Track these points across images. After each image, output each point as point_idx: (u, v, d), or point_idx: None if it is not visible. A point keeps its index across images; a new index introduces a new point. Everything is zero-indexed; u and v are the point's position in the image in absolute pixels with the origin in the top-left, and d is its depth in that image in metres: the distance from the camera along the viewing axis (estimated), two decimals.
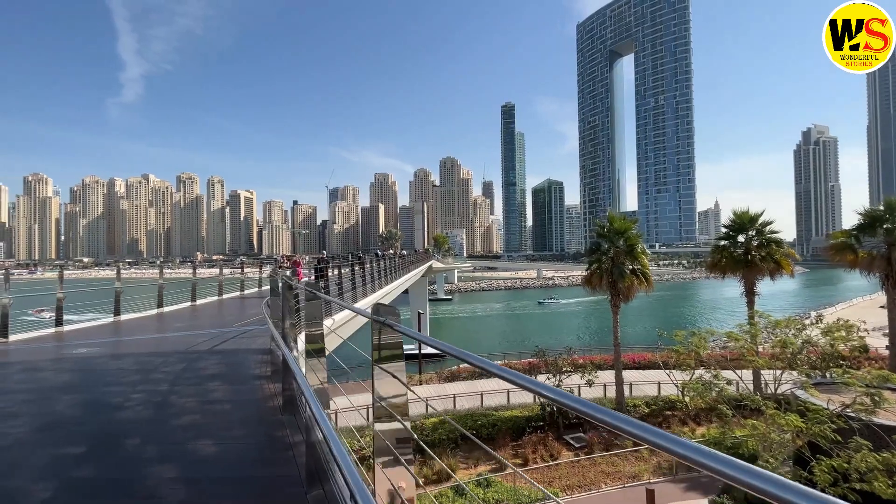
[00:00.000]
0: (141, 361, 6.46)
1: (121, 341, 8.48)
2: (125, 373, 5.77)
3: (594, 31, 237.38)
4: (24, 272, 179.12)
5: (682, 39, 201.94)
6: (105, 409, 4.20)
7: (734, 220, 20.13)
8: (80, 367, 6.28)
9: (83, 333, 9.15)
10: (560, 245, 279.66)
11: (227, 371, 5.71)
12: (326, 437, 1.80)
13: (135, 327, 9.95)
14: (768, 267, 18.84)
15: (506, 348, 38.63)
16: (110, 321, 10.82)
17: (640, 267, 18.38)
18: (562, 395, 1.15)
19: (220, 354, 6.72)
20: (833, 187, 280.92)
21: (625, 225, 18.72)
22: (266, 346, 6.99)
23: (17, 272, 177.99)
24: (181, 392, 4.70)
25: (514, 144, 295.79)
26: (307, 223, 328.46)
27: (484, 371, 1.53)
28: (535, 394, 1.32)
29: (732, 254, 19.54)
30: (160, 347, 7.69)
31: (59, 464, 3.05)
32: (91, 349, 7.41)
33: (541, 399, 18.51)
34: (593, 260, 19.34)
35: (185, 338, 8.30)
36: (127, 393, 4.71)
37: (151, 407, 4.21)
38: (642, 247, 19.03)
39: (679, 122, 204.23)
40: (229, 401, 4.41)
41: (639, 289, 18.44)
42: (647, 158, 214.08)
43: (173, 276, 19.35)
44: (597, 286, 19.09)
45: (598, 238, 19.92)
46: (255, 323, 9.67)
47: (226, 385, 5.00)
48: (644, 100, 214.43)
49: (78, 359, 6.77)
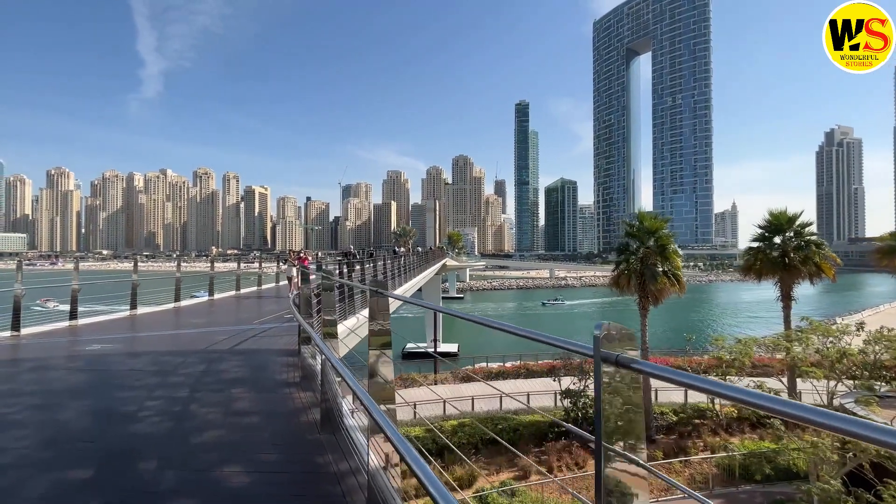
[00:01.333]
0: (158, 361, 5.99)
1: (136, 337, 8.07)
2: (140, 375, 5.28)
3: (611, 29, 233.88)
4: (46, 263, 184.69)
5: (701, 37, 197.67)
6: (117, 421, 3.70)
7: (770, 221, 19.10)
8: (92, 366, 5.83)
9: (98, 328, 8.78)
10: (572, 245, 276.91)
11: (252, 375, 5.20)
12: (416, 470, 1.24)
13: (151, 322, 9.56)
14: (808, 271, 17.82)
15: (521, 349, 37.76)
16: (126, 315, 10.46)
17: (671, 268, 17.49)
18: (752, 395, 0.89)
19: (241, 355, 6.22)
20: (857, 190, 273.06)
21: (656, 224, 17.84)
22: (290, 346, 6.47)
23: (40, 263, 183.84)
24: (202, 400, 4.17)
25: (527, 143, 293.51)
26: (320, 219, 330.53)
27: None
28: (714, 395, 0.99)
29: (769, 256, 18.54)
30: (178, 345, 7.25)
31: (59, 494, 2.51)
32: (105, 346, 6.98)
33: (564, 402, 17.86)
34: (621, 260, 18.51)
35: (203, 335, 7.85)
36: (142, 400, 4.20)
37: (169, 418, 3.68)
38: (674, 247, 18.17)
39: (697, 122, 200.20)
40: (257, 412, 3.86)
41: (670, 291, 17.60)
42: (664, 158, 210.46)
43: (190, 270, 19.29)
44: (625, 287, 18.27)
45: (627, 237, 19.08)
46: (276, 320, 9.19)
47: (251, 392, 4.47)
48: (661, 98, 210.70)
49: (91, 357, 6.34)
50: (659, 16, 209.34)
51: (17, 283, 7.78)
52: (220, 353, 6.32)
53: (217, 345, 6.83)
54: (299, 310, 5.66)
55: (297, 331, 8.24)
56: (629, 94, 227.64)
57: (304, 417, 3.68)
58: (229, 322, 9.55)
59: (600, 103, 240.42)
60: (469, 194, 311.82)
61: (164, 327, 9.04)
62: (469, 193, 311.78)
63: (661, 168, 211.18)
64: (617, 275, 18.54)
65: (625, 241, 19.14)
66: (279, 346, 6.66)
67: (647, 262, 17.42)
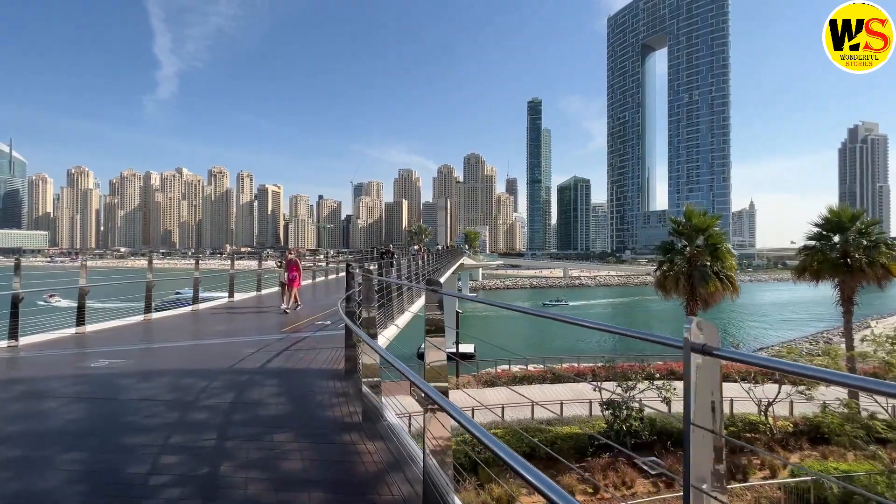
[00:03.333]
0: (175, 386, 4.92)
1: (150, 350, 6.96)
2: (154, 407, 4.20)
3: (625, 25, 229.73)
4: (67, 260, 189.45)
5: (719, 32, 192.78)
6: (121, 492, 2.61)
7: (828, 219, 17.50)
8: (95, 392, 4.77)
9: (107, 337, 7.76)
10: (585, 244, 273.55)
11: (296, 411, 4.09)
12: None
13: (167, 329, 8.51)
14: (874, 273, 16.20)
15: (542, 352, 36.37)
16: (139, 320, 9.40)
17: (723, 269, 16.05)
18: None
19: (277, 378, 5.14)
20: (881, 188, 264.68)
21: (706, 221, 16.41)
22: (334, 364, 5.37)
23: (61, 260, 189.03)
24: (236, 455, 3.07)
25: (539, 141, 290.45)
26: (332, 218, 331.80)
27: None
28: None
29: (828, 257, 16.92)
30: (199, 361, 6.13)
31: None
32: (114, 361, 5.93)
33: (606, 413, 16.55)
34: (665, 260, 17.12)
35: (227, 347, 6.77)
36: (154, 455, 3.10)
37: (193, 489, 2.59)
38: (727, 246, 16.72)
39: (714, 118, 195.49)
40: (315, 481, 2.74)
41: (723, 294, 16.18)
42: (679, 156, 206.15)
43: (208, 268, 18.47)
44: (671, 290, 16.89)
45: (674, 235, 17.67)
46: (307, 328, 8.12)
47: (299, 440, 3.36)
48: (677, 95, 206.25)
49: (95, 378, 5.28)
50: (675, 11, 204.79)
51: (16, 283, 6.76)
52: (249, 373, 5.27)
53: (245, 361, 5.76)
54: (357, 320, 4.57)
55: (338, 342, 7.05)
56: (644, 90, 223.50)
57: (382, 491, 2.55)
58: (255, 330, 8.48)
59: (614, 100, 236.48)
60: (480, 193, 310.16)
61: (181, 336, 7.97)
62: (480, 192, 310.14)
63: (677, 166, 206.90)
64: (662, 276, 17.16)
65: (669, 239, 17.77)
66: (321, 365, 5.57)
67: (696, 263, 16.03)
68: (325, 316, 9.66)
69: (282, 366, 5.56)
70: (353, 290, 5.03)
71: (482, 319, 62.84)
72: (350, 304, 4.99)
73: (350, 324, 4.41)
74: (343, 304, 5.10)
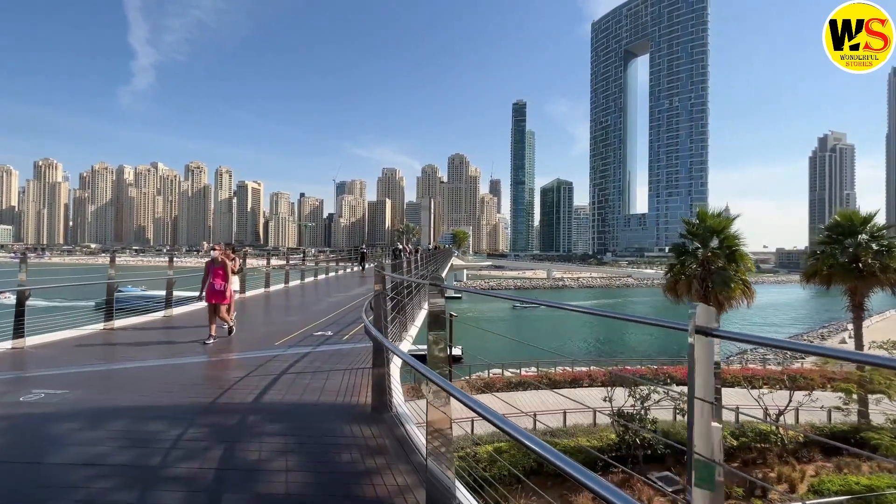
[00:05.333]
0: (132, 438, 3.46)
1: (105, 375, 5.30)
2: (94, 481, 2.74)
3: (609, 31, 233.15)
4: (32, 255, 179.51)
5: (699, 40, 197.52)
6: None
7: (839, 222, 17.05)
8: (7, 450, 3.26)
9: (51, 353, 6.09)
10: (567, 246, 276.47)
11: (314, 487, 2.67)
12: None
13: (134, 342, 6.87)
14: (889, 279, 15.75)
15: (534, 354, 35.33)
16: (98, 330, 7.72)
17: (737, 273, 15.32)
18: None
19: (277, 419, 3.81)
20: (849, 195, 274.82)
21: (722, 222, 15.68)
22: (353, 393, 4.12)
23: None
24: None
25: (524, 143, 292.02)
26: (313, 216, 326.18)
27: None
28: None
29: (839, 261, 16.44)
30: (168, 392, 4.65)
31: None
32: (50, 394, 4.39)
33: (617, 423, 15.65)
34: (677, 263, 16.33)
35: (207, 369, 5.40)
36: None
37: None
38: (744, 249, 16.04)
39: (693, 125, 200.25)
40: None
41: (740, 300, 15.47)
42: (660, 161, 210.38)
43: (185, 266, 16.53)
44: (683, 294, 16.11)
45: (685, 237, 16.86)
46: (305, 340, 6.81)
47: None
48: (658, 101, 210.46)
49: (14, 425, 3.72)
50: (657, 18, 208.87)
51: None
52: (239, 412, 3.94)
53: (231, 391, 4.46)
54: (384, 331, 3.35)
55: (350, 361, 5.76)
56: (626, 95, 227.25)
57: None
58: (241, 343, 7.08)
59: (597, 105, 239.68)
60: (464, 193, 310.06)
61: (149, 351, 6.31)
62: (464, 192, 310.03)
63: (657, 170, 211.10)
64: (673, 280, 16.36)
65: (681, 241, 16.99)
66: (335, 397, 4.31)
67: (711, 266, 15.27)
68: (323, 325, 8.33)
69: (282, 399, 4.29)
70: (382, 296, 3.83)
71: (473, 320, 61.72)
72: (376, 314, 3.79)
73: (383, 340, 3.22)
74: (368, 314, 3.89)
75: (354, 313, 9.81)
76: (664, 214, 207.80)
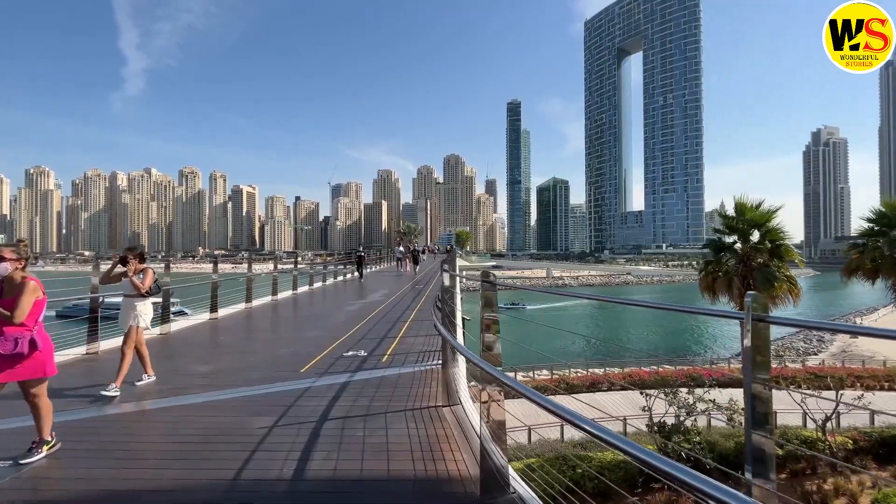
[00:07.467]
0: None
1: (82, 427, 3.74)
2: None
3: (602, 29, 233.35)
4: None
5: (692, 37, 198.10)
6: None
7: (883, 212, 16.04)
8: None
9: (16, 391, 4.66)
10: (564, 244, 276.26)
11: None
12: None
13: (116, 372, 4.74)
14: None
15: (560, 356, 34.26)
16: (80, 356, 6.25)
17: (781, 270, 14.32)
18: None
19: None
20: (842, 189, 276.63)
21: (764, 215, 14.68)
22: (443, 462, 3.00)
23: None
24: None
25: (519, 142, 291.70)
26: (309, 219, 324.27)
27: None
28: None
29: (884, 253, 15.47)
30: (173, 453, 3.24)
31: None
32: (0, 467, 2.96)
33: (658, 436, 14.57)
34: (714, 259, 15.33)
35: (221, 414, 4.02)
36: None
37: None
38: (789, 243, 15.06)
39: (688, 121, 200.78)
40: None
41: (785, 299, 14.50)
42: (655, 158, 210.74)
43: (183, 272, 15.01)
44: (721, 293, 15.15)
45: (720, 231, 15.83)
46: (341, 365, 5.60)
47: None
48: (652, 98, 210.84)
49: None
50: (650, 15, 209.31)
51: None
52: (272, 498, 2.60)
53: (260, 453, 3.13)
54: None
55: (414, 395, 4.53)
56: (620, 93, 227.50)
57: None
58: (258, 372, 5.45)
59: (592, 103, 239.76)
60: (460, 193, 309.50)
61: (133, 392, 4.67)
62: (460, 193, 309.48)
63: (653, 167, 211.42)
64: (710, 278, 15.37)
65: (717, 237, 16.01)
66: (414, 464, 2.99)
67: (751, 262, 14.30)
68: (350, 342, 7.24)
69: (334, 474, 2.87)
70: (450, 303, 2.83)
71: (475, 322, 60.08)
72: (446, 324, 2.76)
73: (496, 373, 2.22)
74: (445, 327, 2.83)
75: (381, 325, 8.77)
76: (661, 211, 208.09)
